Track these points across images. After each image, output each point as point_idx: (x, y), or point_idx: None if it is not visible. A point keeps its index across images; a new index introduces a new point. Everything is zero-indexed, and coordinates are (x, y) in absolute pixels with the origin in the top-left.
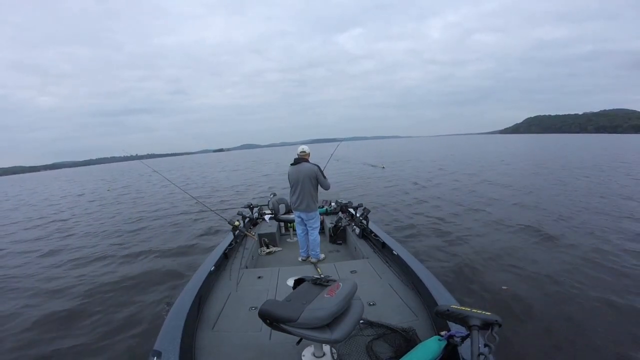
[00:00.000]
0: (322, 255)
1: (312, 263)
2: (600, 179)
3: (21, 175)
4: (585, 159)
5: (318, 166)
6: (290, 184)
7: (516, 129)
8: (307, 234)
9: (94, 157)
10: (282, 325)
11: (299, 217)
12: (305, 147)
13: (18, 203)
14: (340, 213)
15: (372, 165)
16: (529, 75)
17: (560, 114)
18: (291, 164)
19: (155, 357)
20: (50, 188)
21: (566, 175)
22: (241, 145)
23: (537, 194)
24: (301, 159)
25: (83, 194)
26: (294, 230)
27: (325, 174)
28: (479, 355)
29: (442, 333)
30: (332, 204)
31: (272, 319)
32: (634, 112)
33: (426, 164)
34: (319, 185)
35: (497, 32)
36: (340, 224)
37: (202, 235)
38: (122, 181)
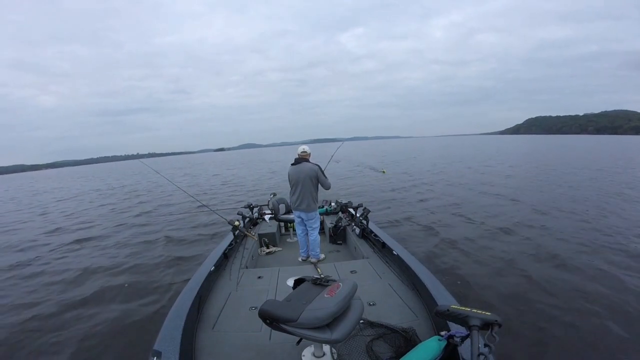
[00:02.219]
0: (322, 256)
1: (312, 263)
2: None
3: (25, 173)
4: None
5: (318, 166)
6: (290, 184)
7: (517, 130)
8: (307, 234)
9: (95, 156)
10: (282, 325)
11: (299, 217)
12: (305, 147)
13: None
14: (340, 213)
15: (373, 169)
16: (531, 75)
17: (561, 115)
18: (291, 164)
19: (155, 357)
20: (74, 184)
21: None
22: (242, 145)
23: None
24: (302, 159)
25: (114, 188)
26: (294, 230)
27: (325, 174)
28: (479, 355)
29: (442, 333)
30: (332, 204)
31: (272, 319)
32: (634, 113)
33: (427, 166)
34: (319, 185)
35: (500, 32)
36: (340, 224)
37: (202, 235)
38: (126, 181)
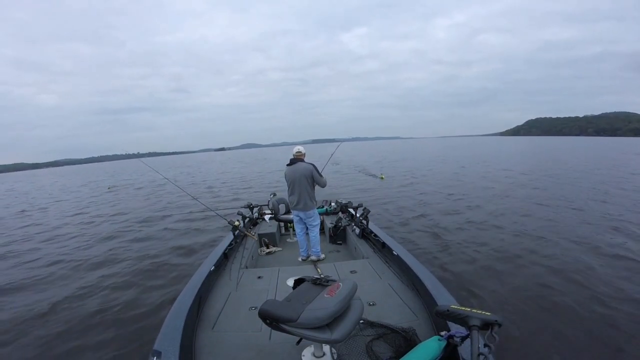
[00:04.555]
0: (323, 255)
1: (312, 261)
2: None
3: (28, 171)
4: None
5: (313, 165)
6: (287, 184)
7: (517, 131)
8: (306, 232)
9: (95, 155)
10: (282, 325)
11: (298, 216)
12: (300, 148)
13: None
14: (340, 213)
15: (371, 175)
16: (533, 76)
17: (562, 116)
18: (287, 165)
19: (155, 357)
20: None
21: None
22: (242, 145)
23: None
24: (297, 159)
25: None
26: (294, 230)
27: (321, 173)
28: (479, 355)
29: (442, 333)
30: (332, 204)
31: (272, 319)
32: (634, 114)
33: (426, 169)
34: (315, 184)
35: (504, 33)
36: (340, 224)
37: (202, 235)
38: (128, 180)
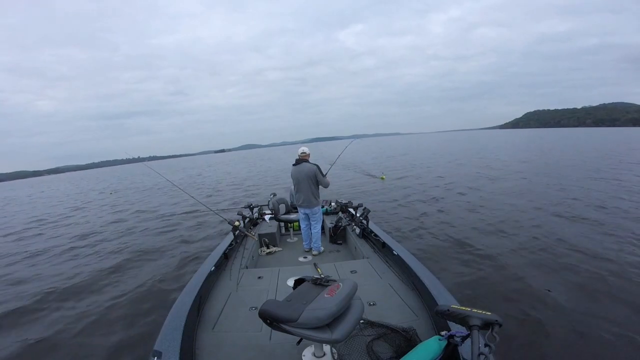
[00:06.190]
0: (322, 248)
1: (313, 255)
2: None
3: (33, 179)
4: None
5: (317, 166)
6: (293, 183)
7: (515, 124)
8: (309, 227)
9: (96, 161)
10: (282, 325)
11: (304, 213)
12: (305, 148)
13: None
14: (340, 213)
15: (370, 175)
16: (531, 69)
17: (560, 108)
18: (293, 165)
19: (155, 357)
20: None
21: None
22: (242, 146)
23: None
24: (302, 160)
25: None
26: (294, 230)
27: (324, 173)
28: (479, 355)
29: (443, 333)
30: (332, 204)
31: (272, 319)
32: (632, 105)
33: (429, 166)
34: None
35: (501, 27)
36: (340, 224)
37: (202, 235)
38: (130, 183)
